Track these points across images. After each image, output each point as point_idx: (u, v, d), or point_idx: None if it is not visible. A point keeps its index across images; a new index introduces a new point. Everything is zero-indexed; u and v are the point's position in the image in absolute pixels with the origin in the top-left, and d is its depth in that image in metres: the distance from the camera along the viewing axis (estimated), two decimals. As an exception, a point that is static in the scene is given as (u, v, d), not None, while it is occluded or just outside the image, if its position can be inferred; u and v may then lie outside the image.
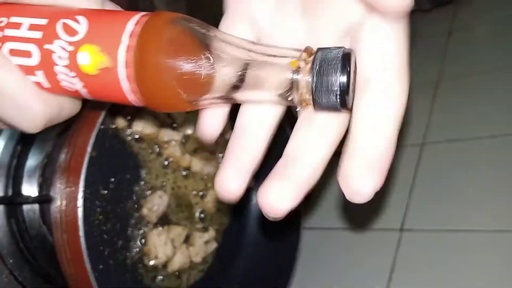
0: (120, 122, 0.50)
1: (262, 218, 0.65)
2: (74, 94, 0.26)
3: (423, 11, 1.03)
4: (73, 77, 0.25)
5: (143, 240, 0.50)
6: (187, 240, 0.55)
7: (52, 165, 0.50)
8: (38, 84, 0.26)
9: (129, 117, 0.51)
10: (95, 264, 0.43)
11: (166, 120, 0.53)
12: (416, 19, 1.21)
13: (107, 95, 0.26)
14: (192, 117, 0.57)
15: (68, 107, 0.27)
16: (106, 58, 0.24)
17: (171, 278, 0.53)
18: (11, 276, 0.47)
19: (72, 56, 0.24)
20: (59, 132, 0.54)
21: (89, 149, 0.38)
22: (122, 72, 0.24)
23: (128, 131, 0.51)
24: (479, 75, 0.96)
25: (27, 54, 0.25)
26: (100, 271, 0.45)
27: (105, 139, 0.49)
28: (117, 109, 0.49)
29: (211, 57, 0.24)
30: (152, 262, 0.49)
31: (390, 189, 0.83)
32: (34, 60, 0.25)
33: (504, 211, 0.65)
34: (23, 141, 0.50)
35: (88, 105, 0.44)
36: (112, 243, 0.47)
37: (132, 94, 0.24)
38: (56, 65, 0.25)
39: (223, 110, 0.29)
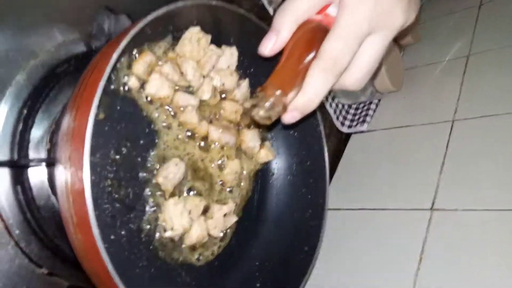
0: (133, 83, 0.45)
1: (284, 193, 0.61)
2: None
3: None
4: None
5: (158, 210, 0.46)
6: (206, 212, 0.51)
7: (60, 131, 0.47)
8: None
9: (141, 80, 0.47)
10: (105, 234, 0.40)
11: (182, 83, 0.49)
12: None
13: None
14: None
15: None
16: None
17: (187, 251, 0.49)
18: (17, 248, 0.45)
19: None
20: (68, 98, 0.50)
21: (93, 107, 0.34)
22: None
23: (141, 93, 0.47)
24: (510, 48, 0.91)
25: None
26: (112, 242, 0.41)
27: (115, 101, 0.45)
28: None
29: None
30: (167, 234, 0.45)
31: (420, 168, 0.80)
32: None
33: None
34: (29, 105, 0.47)
35: (95, 61, 0.41)
36: (124, 212, 0.43)
37: None
38: None
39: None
